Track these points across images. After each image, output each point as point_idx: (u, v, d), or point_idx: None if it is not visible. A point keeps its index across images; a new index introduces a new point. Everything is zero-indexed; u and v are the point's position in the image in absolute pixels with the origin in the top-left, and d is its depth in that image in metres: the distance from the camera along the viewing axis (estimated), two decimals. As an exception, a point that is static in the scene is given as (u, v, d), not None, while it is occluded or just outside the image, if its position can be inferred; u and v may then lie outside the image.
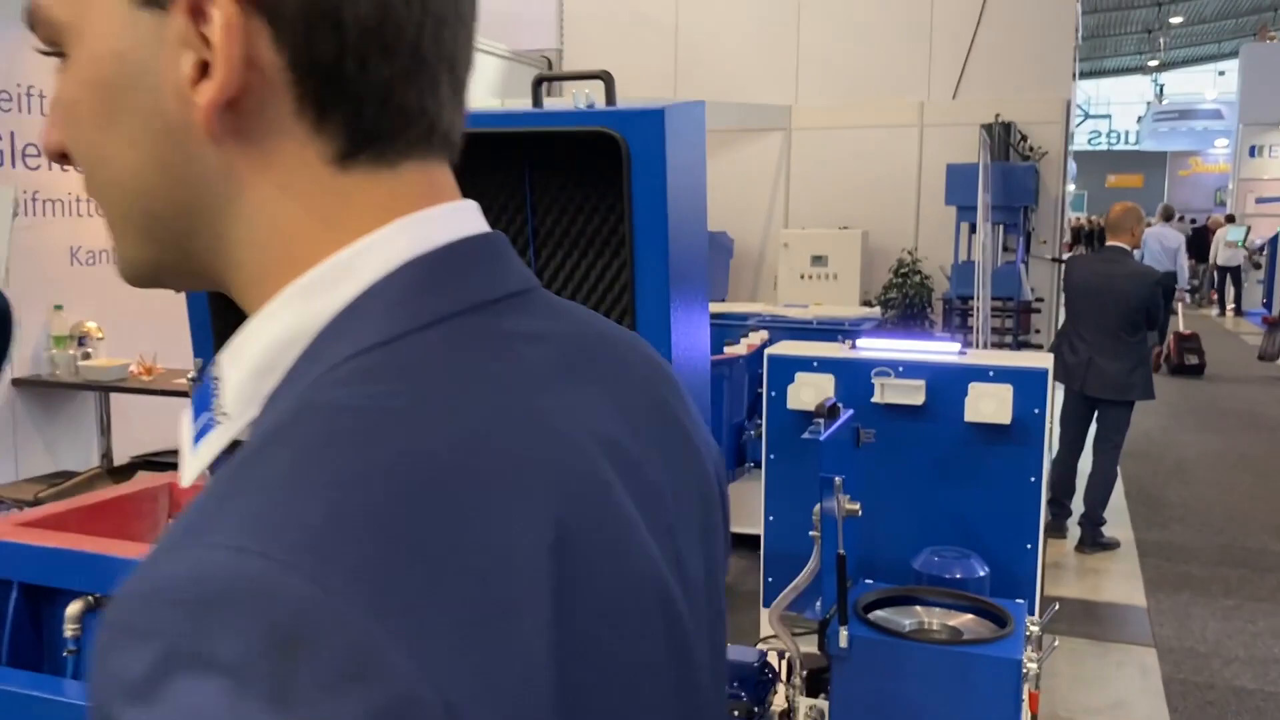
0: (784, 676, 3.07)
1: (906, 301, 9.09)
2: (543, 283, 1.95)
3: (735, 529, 3.72)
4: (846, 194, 9.48)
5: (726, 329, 6.17)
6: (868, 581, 3.08)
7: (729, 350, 5.20)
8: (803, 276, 9.32)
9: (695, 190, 2.05)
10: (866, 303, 8.89)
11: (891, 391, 3.36)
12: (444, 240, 0.62)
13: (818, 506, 2.70)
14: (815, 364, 3.48)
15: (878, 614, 2.85)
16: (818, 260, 9.31)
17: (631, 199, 1.91)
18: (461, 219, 0.64)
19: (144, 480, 2.35)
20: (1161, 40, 29.57)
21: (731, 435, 5.09)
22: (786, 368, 3.50)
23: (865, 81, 9.54)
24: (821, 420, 2.78)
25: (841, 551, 2.63)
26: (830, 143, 9.58)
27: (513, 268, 0.67)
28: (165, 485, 2.47)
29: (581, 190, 2.17)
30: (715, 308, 7.17)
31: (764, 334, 5.68)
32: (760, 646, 3.33)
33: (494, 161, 2.22)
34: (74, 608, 2.12)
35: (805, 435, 2.71)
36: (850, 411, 3.10)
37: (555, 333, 0.66)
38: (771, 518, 3.56)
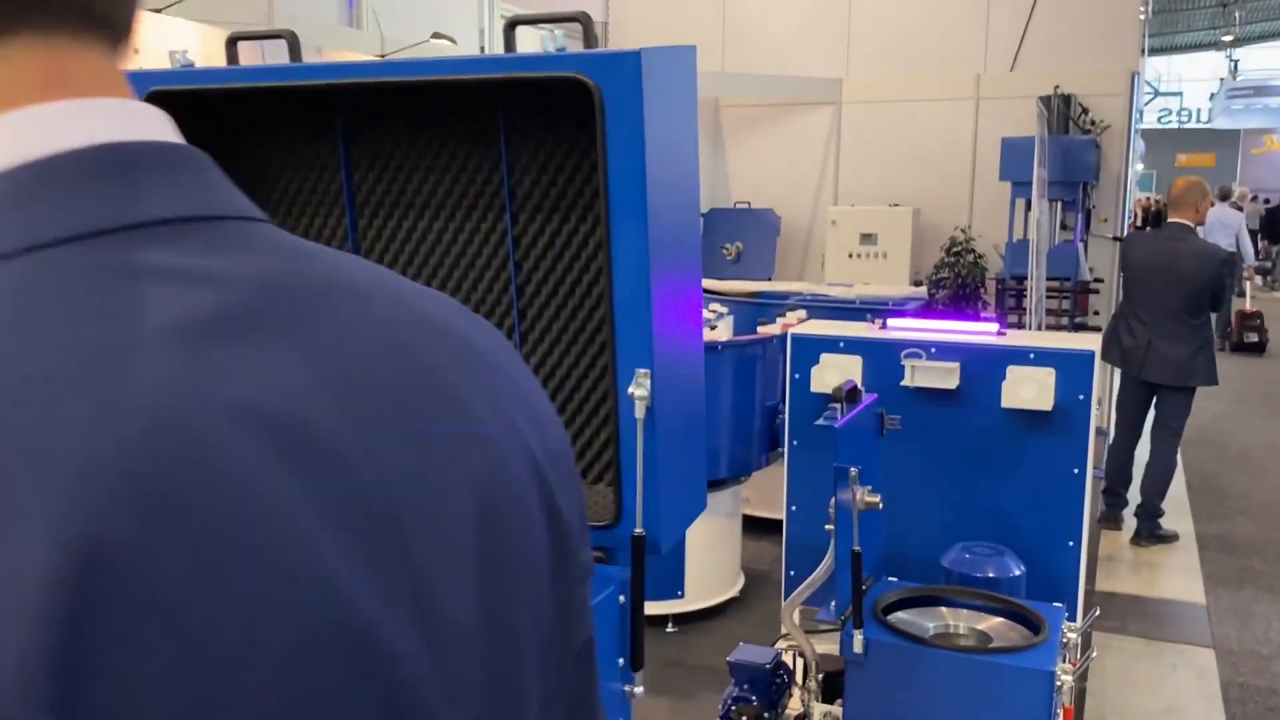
0: (800, 679, 2.87)
1: (959, 281, 8.78)
2: (520, 251, 1.75)
3: (768, 514, 3.48)
4: (898, 170, 9.19)
5: (764, 308, 5.95)
6: (891, 579, 2.85)
7: (762, 330, 4.98)
8: (851, 255, 9.06)
9: (682, 147, 1.84)
10: (917, 282, 8.61)
11: (923, 374, 3.12)
12: (65, 146, 0.45)
13: (834, 499, 2.49)
14: (841, 344, 3.25)
15: (899, 615, 2.63)
16: (867, 238, 9.04)
17: (605, 154, 1.70)
18: (102, 119, 0.46)
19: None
20: (1237, 14, 28.53)
21: (764, 418, 4.88)
22: (810, 348, 3.27)
23: (919, 54, 9.23)
24: (839, 405, 2.56)
25: (856, 548, 2.41)
26: (882, 117, 9.28)
27: (190, 187, 0.48)
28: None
29: (562, 149, 1.97)
30: (755, 286, 6.96)
31: (801, 313, 5.43)
32: (780, 644, 3.13)
33: (464, 117, 2.03)
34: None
35: (819, 422, 2.49)
36: (873, 396, 2.87)
37: (236, 274, 0.47)
38: (794, 507, 3.34)
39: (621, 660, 1.85)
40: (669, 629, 4.76)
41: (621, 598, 1.83)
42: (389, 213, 2.15)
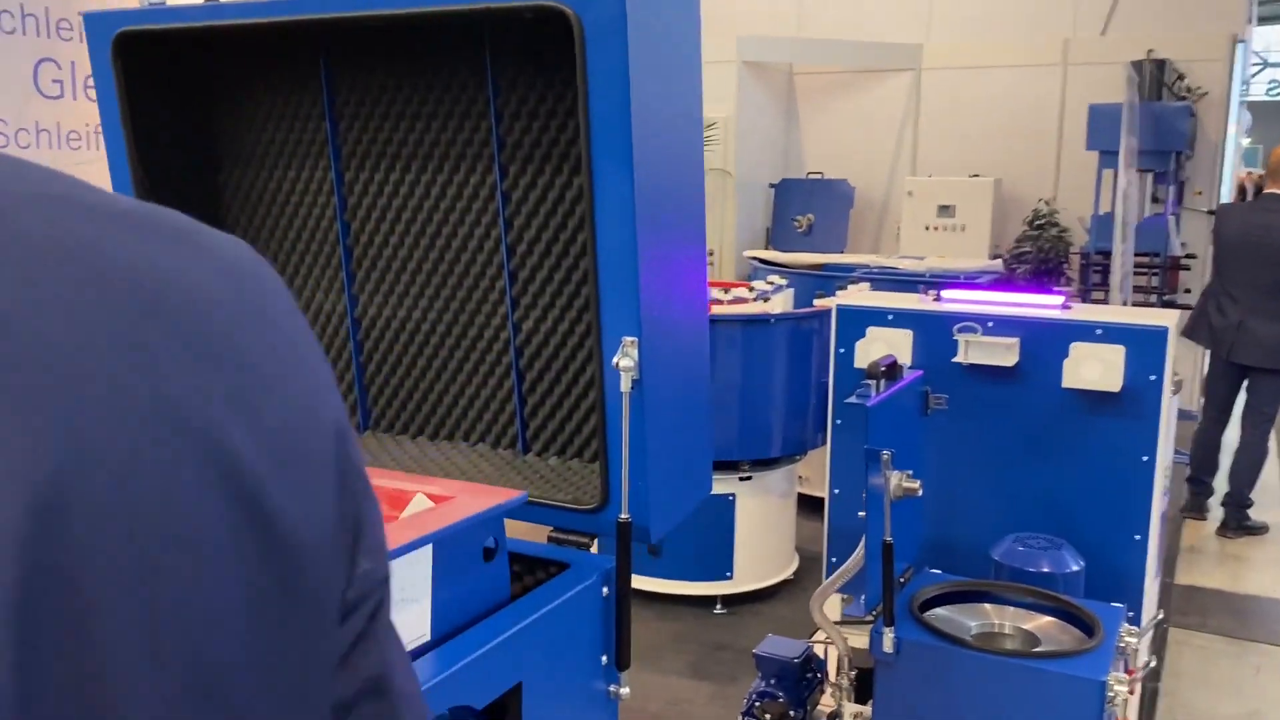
0: (832, 676, 2.67)
1: (1041, 256, 8.40)
2: (511, 207, 1.57)
3: (826, 494, 3.20)
4: (979, 139, 8.83)
5: (827, 280, 5.71)
6: (934, 572, 2.63)
7: (819, 303, 4.75)
8: (928, 228, 8.74)
9: (680, 88, 1.64)
10: (997, 257, 8.26)
11: (977, 350, 2.88)
12: None
13: (866, 484, 2.28)
14: (890, 317, 3.01)
15: (937, 612, 2.41)
16: (944, 210, 8.70)
17: (586, 93, 1.51)
18: None
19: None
20: (1354, -22, 27.02)
21: (820, 395, 4.65)
22: (857, 321, 3.05)
23: (1004, 17, 8.84)
24: (874, 382, 2.34)
25: (888, 539, 2.20)
26: (964, 84, 8.92)
27: None
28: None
29: (554, 93, 1.79)
30: (819, 258, 6.70)
31: (864, 286, 5.17)
32: (818, 638, 2.94)
33: (450, 60, 1.86)
34: None
35: (851, 400, 2.28)
36: (918, 372, 2.64)
37: None
38: (837, 490, 3.14)
39: (605, 658, 1.67)
40: (717, 610, 4.59)
41: (605, 589, 1.65)
42: (375, 164, 2.00)
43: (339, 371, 2.16)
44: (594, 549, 1.80)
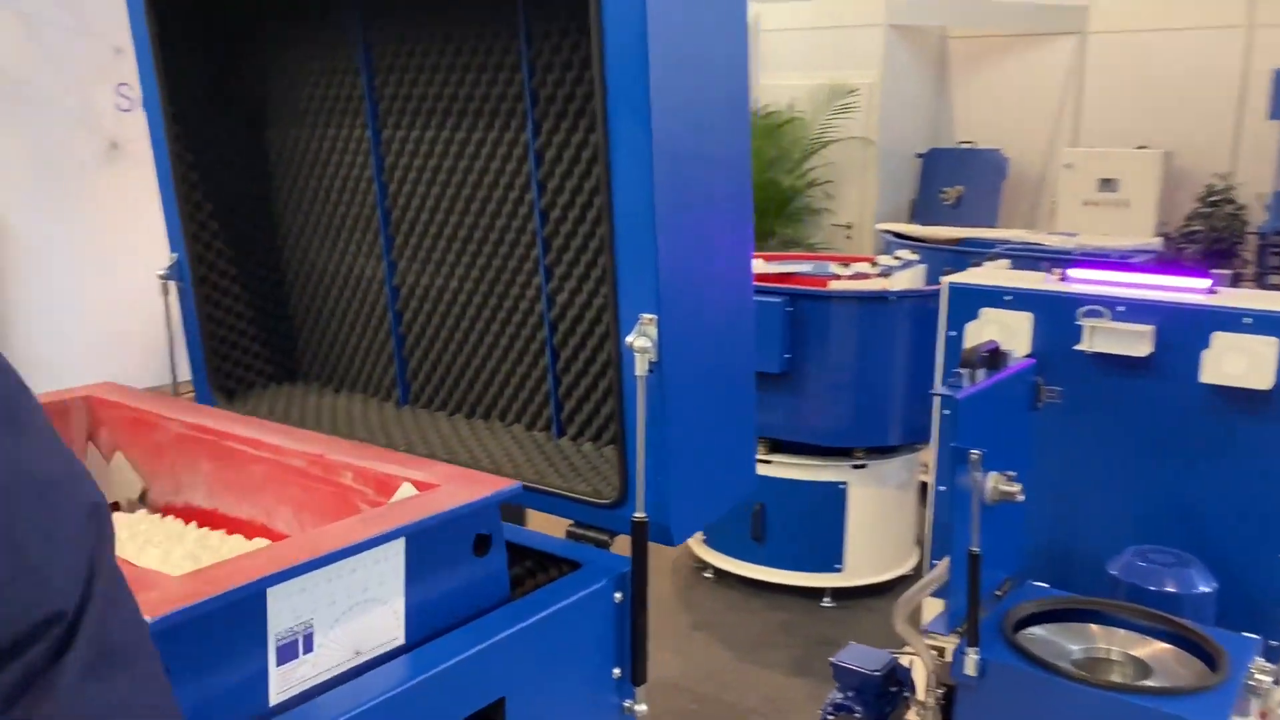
0: (920, 694, 2.43)
1: (1213, 236, 7.75)
2: (545, 168, 1.39)
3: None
4: (1148, 108, 8.21)
5: (963, 256, 5.35)
6: (1039, 585, 2.36)
7: (945, 280, 4.41)
8: (1086, 203, 8.17)
9: (714, 33, 1.43)
10: (1164, 235, 7.67)
11: (1104, 338, 2.57)
12: None
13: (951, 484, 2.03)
14: (1008, 297, 2.73)
15: (1034, 632, 2.15)
16: (1106, 184, 8.13)
17: (601, 34, 1.32)
18: None
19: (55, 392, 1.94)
20: None
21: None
22: (969, 301, 2.78)
23: (1182, -25, 8.18)
24: (968, 371, 2.09)
25: (974, 548, 1.95)
26: (1133, 48, 8.30)
27: None
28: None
29: (586, 41, 1.60)
30: (958, 232, 6.31)
31: (1005, 264, 4.80)
32: (907, 649, 2.69)
33: (481, 7, 1.69)
34: None
35: (939, 390, 2.02)
36: (1028, 361, 2.36)
37: None
38: (944, 487, 2.86)
39: (618, 671, 1.50)
40: (825, 602, 4.36)
41: (619, 594, 1.47)
42: (411, 120, 1.85)
43: (379, 342, 2.04)
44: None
